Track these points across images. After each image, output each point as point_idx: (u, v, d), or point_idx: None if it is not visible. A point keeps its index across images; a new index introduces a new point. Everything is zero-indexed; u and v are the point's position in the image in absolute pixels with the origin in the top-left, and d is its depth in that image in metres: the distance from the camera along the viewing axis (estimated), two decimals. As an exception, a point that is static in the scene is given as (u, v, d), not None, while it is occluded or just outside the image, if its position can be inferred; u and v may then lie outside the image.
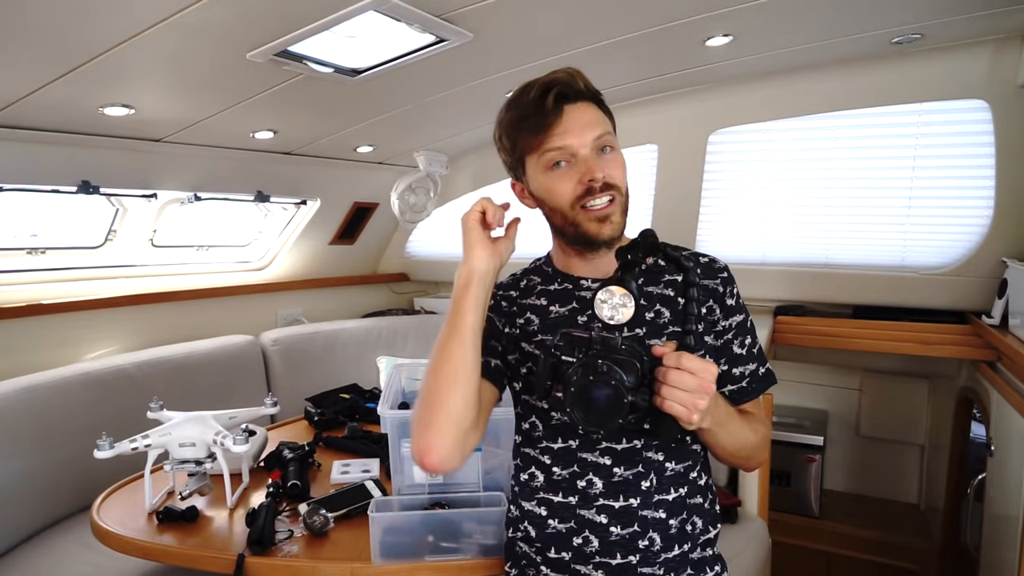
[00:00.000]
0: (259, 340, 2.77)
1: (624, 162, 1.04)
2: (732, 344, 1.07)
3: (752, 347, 1.08)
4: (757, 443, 1.05)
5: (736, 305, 1.07)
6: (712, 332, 1.06)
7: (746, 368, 1.08)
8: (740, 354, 1.08)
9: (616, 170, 1.01)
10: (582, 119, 1.00)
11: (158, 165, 2.27)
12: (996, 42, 2.00)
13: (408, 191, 2.96)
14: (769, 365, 1.11)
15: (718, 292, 1.06)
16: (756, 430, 1.05)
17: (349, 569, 1.27)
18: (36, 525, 1.90)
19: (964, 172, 2.21)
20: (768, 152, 2.55)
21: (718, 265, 1.09)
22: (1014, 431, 1.70)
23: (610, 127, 1.04)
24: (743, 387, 1.08)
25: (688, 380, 0.85)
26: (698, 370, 0.85)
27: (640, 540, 1.01)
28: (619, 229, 1.03)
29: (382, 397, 1.53)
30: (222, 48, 1.53)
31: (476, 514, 1.30)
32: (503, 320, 1.14)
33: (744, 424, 1.02)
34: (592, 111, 1.02)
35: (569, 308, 1.10)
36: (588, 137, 1.00)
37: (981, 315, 2.15)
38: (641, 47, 1.88)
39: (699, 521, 1.06)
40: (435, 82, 2.02)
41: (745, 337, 1.08)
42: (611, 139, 1.02)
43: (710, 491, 1.10)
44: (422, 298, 3.65)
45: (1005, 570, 1.67)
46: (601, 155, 1.01)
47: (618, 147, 1.04)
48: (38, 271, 2.32)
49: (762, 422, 1.09)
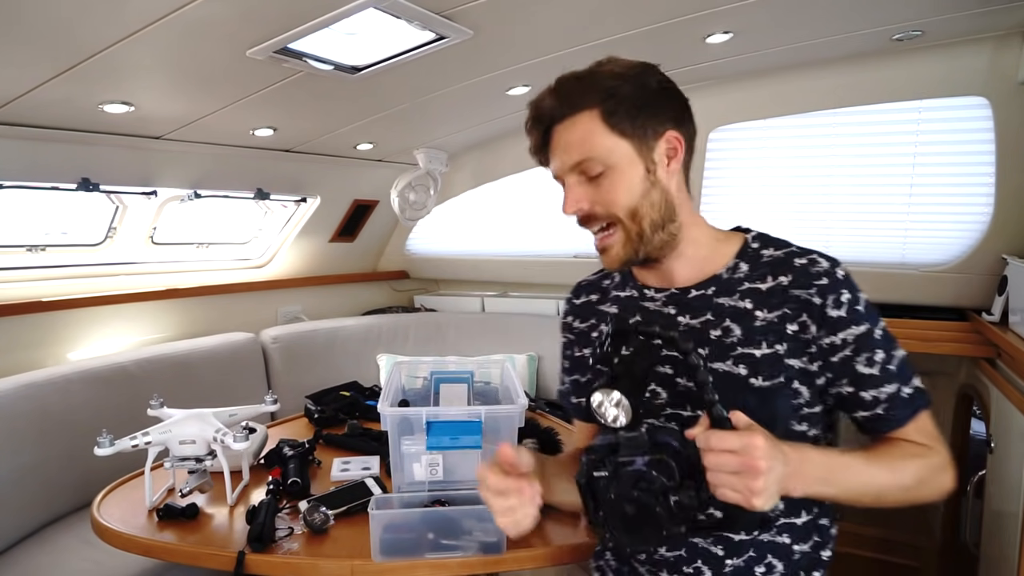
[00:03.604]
0: (259, 337, 2.77)
1: (624, 183, 0.88)
2: (854, 362, 0.87)
3: (888, 363, 0.88)
4: (906, 483, 0.86)
5: (849, 315, 0.87)
6: (806, 353, 0.88)
7: (880, 391, 0.88)
8: (869, 374, 0.87)
9: (607, 195, 0.88)
10: (562, 142, 0.90)
11: (158, 162, 2.27)
12: (997, 39, 1.99)
13: (408, 188, 2.96)
14: (919, 382, 0.90)
15: (813, 305, 0.87)
16: (902, 468, 0.86)
17: (349, 566, 1.27)
18: (37, 522, 1.91)
19: (964, 169, 2.21)
20: (768, 149, 2.54)
21: (817, 269, 0.89)
22: (1014, 428, 1.70)
23: (604, 142, 0.87)
24: (879, 414, 0.89)
25: (728, 461, 0.72)
26: (738, 447, 0.72)
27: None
28: (622, 260, 0.92)
29: (382, 394, 1.53)
30: (222, 45, 1.53)
31: (476, 511, 1.30)
32: (580, 344, 1.08)
33: (871, 465, 0.85)
34: (577, 130, 0.88)
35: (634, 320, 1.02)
36: (566, 164, 0.90)
37: (981, 312, 2.15)
38: (641, 44, 1.87)
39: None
40: (435, 79, 2.02)
41: (874, 352, 0.87)
42: (593, 164, 0.87)
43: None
44: (422, 295, 3.65)
45: (1005, 567, 1.68)
46: (590, 182, 0.89)
47: (620, 164, 0.87)
48: (38, 268, 2.32)
49: (919, 453, 0.88)
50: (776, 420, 0.87)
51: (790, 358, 0.88)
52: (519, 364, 2.90)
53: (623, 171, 0.88)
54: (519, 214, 3.24)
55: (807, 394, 0.89)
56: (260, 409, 1.75)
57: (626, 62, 0.90)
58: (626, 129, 0.87)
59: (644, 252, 0.92)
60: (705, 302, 0.93)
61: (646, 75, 0.89)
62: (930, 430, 0.90)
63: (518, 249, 3.31)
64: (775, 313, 0.89)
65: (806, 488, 0.79)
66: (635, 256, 0.92)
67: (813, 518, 0.94)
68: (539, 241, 3.23)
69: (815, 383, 0.89)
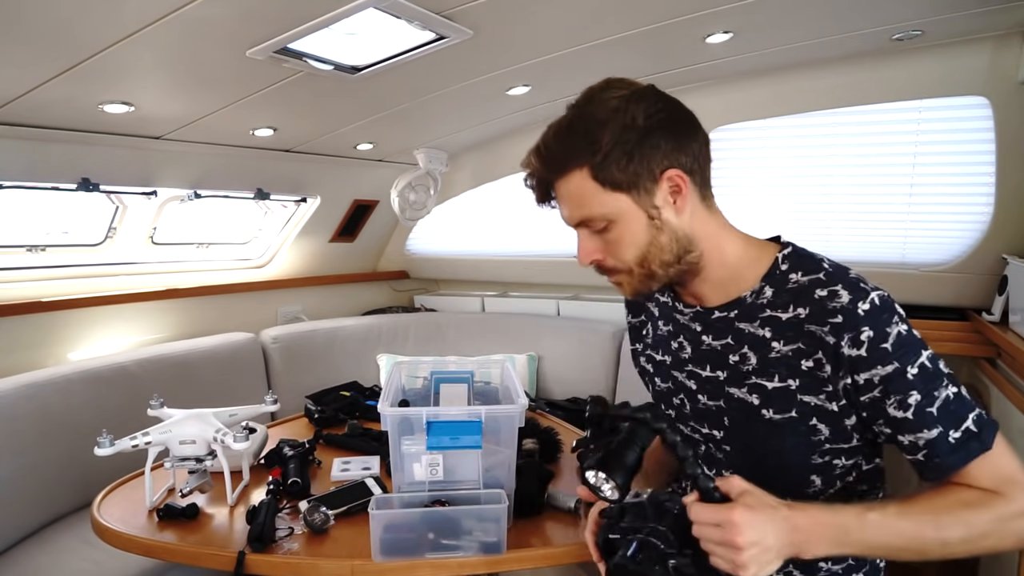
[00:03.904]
0: (259, 338, 2.77)
1: (628, 235, 0.85)
2: (884, 405, 0.79)
3: (926, 406, 0.78)
4: (959, 535, 0.75)
5: (871, 355, 0.78)
6: (823, 392, 0.82)
7: (919, 436, 0.78)
8: (903, 418, 0.78)
9: (616, 249, 0.86)
10: (563, 195, 0.86)
11: (158, 162, 2.27)
12: (996, 38, 1.99)
13: (408, 188, 2.96)
14: (979, 417, 0.79)
15: (827, 344, 0.80)
16: (947, 519, 0.76)
17: (349, 566, 1.27)
18: (37, 522, 1.91)
19: (964, 169, 2.20)
20: (768, 149, 2.54)
21: (834, 304, 0.80)
22: (1014, 428, 1.70)
23: (601, 200, 0.83)
24: (920, 460, 0.80)
25: (711, 534, 0.72)
26: (719, 521, 0.71)
27: None
28: (638, 293, 0.90)
29: (382, 394, 1.53)
30: (222, 45, 1.53)
31: (476, 511, 1.30)
32: (634, 337, 1.11)
33: (906, 518, 0.76)
34: (571, 188, 0.84)
35: (668, 329, 0.99)
36: (572, 220, 0.88)
37: (981, 312, 2.15)
38: (641, 44, 1.87)
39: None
40: (435, 79, 2.02)
41: (906, 395, 0.78)
42: (596, 223, 0.85)
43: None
44: (422, 295, 3.65)
45: (1005, 568, 1.67)
46: (597, 234, 0.87)
47: (623, 217, 0.83)
48: (38, 268, 2.32)
49: (976, 502, 0.77)
50: (785, 453, 0.87)
51: (804, 394, 0.84)
52: (519, 364, 2.90)
53: (626, 224, 0.84)
54: (519, 214, 3.24)
55: (827, 432, 0.84)
56: (260, 409, 1.75)
57: (615, 94, 0.83)
58: (619, 182, 0.82)
59: (659, 285, 0.90)
60: (727, 325, 0.90)
61: (633, 111, 0.81)
62: (1001, 472, 0.78)
63: (518, 249, 3.31)
64: (790, 347, 0.84)
65: (823, 551, 0.75)
66: (648, 290, 0.90)
67: (856, 563, 0.91)
68: (539, 241, 3.22)
69: (843, 421, 0.84)
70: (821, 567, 0.91)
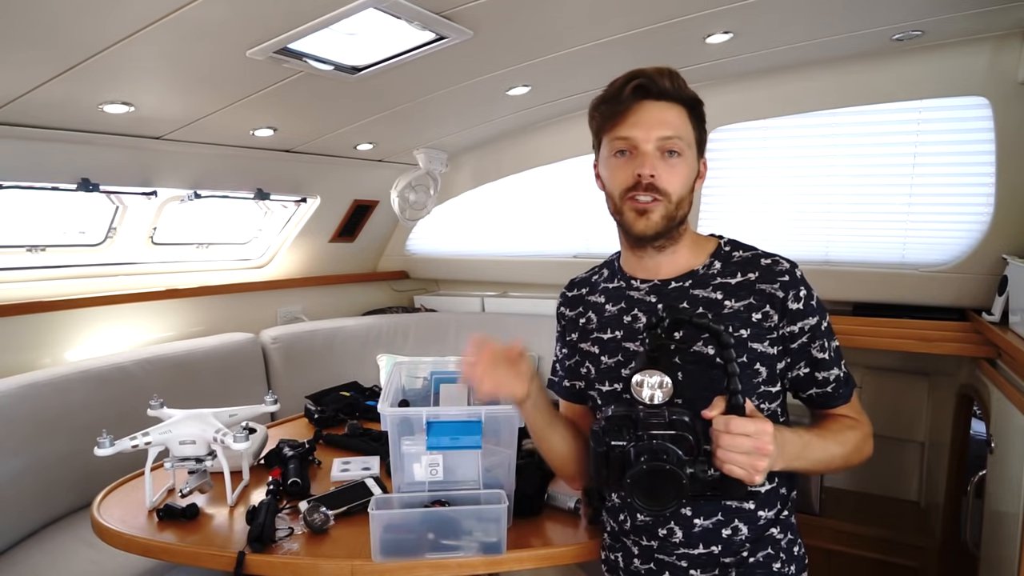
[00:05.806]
0: (259, 338, 2.77)
1: (687, 173, 1.04)
2: (811, 348, 1.05)
3: (833, 350, 1.06)
4: (847, 452, 1.04)
5: (806, 308, 1.04)
6: (767, 339, 1.04)
7: (830, 373, 1.06)
8: (823, 359, 1.05)
9: (674, 178, 1.02)
10: (655, 117, 1.01)
11: (158, 163, 2.27)
12: (996, 39, 1.99)
13: (408, 189, 2.96)
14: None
15: (776, 297, 1.04)
16: (844, 440, 1.04)
17: (349, 567, 1.27)
18: (36, 522, 1.91)
19: (964, 169, 2.20)
20: (768, 149, 2.54)
21: (780, 268, 1.06)
22: (1014, 428, 1.70)
23: (689, 135, 1.03)
24: (828, 392, 1.07)
25: (743, 443, 0.86)
26: (752, 432, 0.86)
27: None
28: (655, 229, 1.04)
29: (382, 395, 1.53)
30: (222, 46, 1.53)
31: (476, 511, 1.30)
32: (569, 330, 1.22)
33: (825, 440, 1.01)
34: (672, 113, 1.02)
35: (619, 308, 1.13)
36: (653, 134, 1.01)
37: (981, 312, 2.15)
38: (641, 44, 1.87)
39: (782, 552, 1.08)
40: (435, 80, 2.02)
41: (824, 340, 1.05)
42: (679, 144, 1.02)
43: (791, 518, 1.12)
44: (422, 295, 3.65)
45: (1005, 567, 1.67)
46: (665, 158, 1.02)
47: (689, 156, 1.04)
48: (38, 268, 2.32)
49: (852, 426, 1.07)
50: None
51: (753, 342, 1.03)
52: (519, 364, 2.89)
53: (689, 163, 1.04)
54: (519, 214, 3.24)
55: (765, 374, 1.04)
56: (260, 409, 1.75)
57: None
58: (698, 135, 1.06)
59: (667, 233, 1.05)
60: (682, 293, 1.08)
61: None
62: (858, 406, 1.10)
63: (518, 249, 3.31)
64: (742, 303, 1.04)
65: (785, 464, 0.94)
66: (664, 231, 1.04)
67: (775, 487, 1.07)
68: (539, 241, 3.22)
69: (775, 366, 1.05)
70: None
